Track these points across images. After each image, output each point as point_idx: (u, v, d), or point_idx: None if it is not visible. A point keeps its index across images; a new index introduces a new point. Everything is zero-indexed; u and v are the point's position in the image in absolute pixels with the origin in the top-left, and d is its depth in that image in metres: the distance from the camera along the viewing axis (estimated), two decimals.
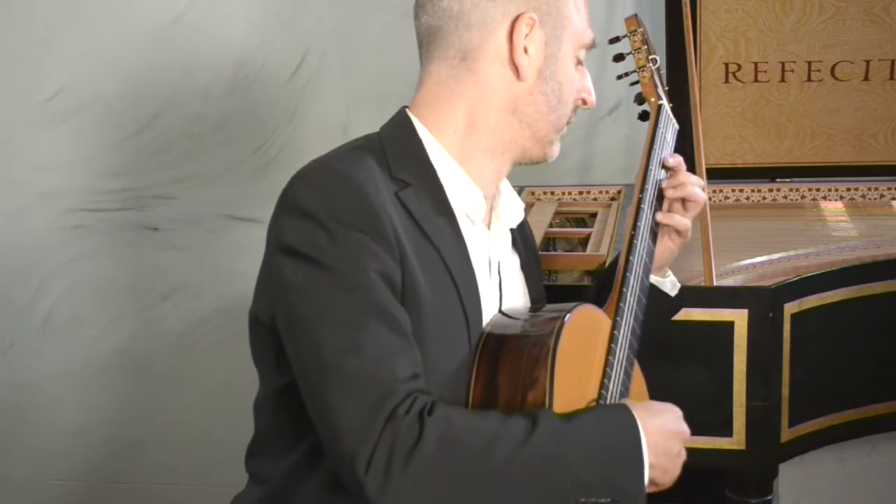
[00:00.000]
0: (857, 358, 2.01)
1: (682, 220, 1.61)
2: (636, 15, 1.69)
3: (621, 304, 1.49)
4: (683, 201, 1.61)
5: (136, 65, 2.79)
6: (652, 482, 1.35)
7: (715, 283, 1.92)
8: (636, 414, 1.34)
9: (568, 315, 1.38)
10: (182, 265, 2.88)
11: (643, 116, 1.70)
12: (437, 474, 1.23)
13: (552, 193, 2.57)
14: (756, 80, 2.49)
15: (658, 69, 1.70)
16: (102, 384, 2.99)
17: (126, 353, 2.95)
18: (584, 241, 2.28)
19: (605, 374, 1.43)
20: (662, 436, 1.36)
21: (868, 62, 2.46)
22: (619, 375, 1.45)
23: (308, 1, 2.73)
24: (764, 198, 2.54)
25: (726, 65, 2.49)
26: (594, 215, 2.45)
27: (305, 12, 2.73)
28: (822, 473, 2.73)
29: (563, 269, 2.11)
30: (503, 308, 1.49)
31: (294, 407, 1.35)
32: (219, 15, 2.76)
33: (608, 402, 1.42)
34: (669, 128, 1.67)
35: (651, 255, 1.57)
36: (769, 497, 1.98)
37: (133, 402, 2.98)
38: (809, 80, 2.48)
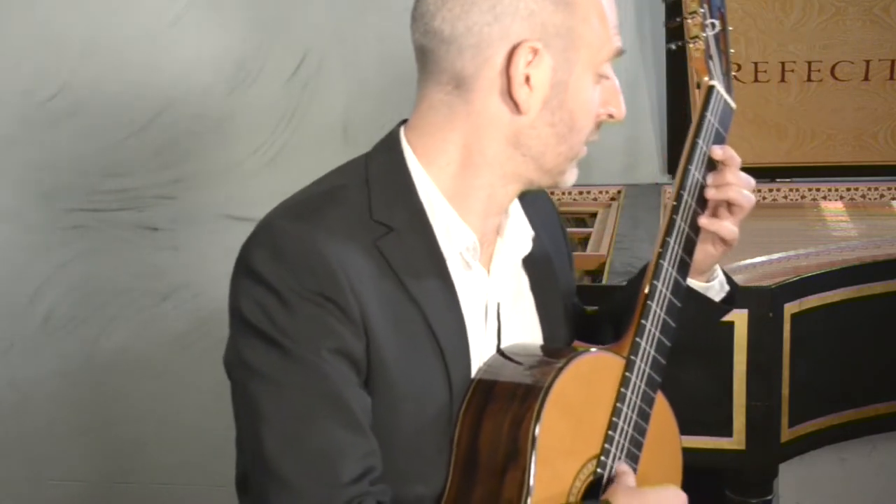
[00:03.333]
0: (857, 358, 2.01)
1: (728, 228, 1.40)
2: None
3: (638, 340, 1.33)
4: (728, 205, 1.40)
5: (136, 65, 2.79)
6: None
7: None
8: None
9: (563, 370, 1.25)
10: (182, 265, 2.88)
11: (698, 84, 1.43)
12: None
13: (552, 193, 2.56)
14: (756, 80, 2.49)
15: (722, 32, 1.42)
16: (102, 384, 2.99)
17: (126, 353, 2.95)
18: (584, 241, 2.28)
19: (612, 425, 1.31)
20: None
21: (868, 62, 2.46)
22: (630, 422, 1.32)
23: (308, 1, 2.73)
24: (764, 198, 2.54)
25: None
26: (594, 215, 2.45)
27: (305, 12, 2.73)
28: (822, 473, 2.72)
29: None
30: (505, 346, 1.35)
31: None
32: (219, 15, 2.76)
33: (611, 458, 1.31)
34: (720, 113, 1.42)
35: (685, 270, 1.38)
36: (769, 497, 1.98)
37: (133, 402, 2.98)
38: (809, 80, 2.48)
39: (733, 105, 1.46)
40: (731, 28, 1.46)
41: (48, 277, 2.94)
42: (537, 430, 1.21)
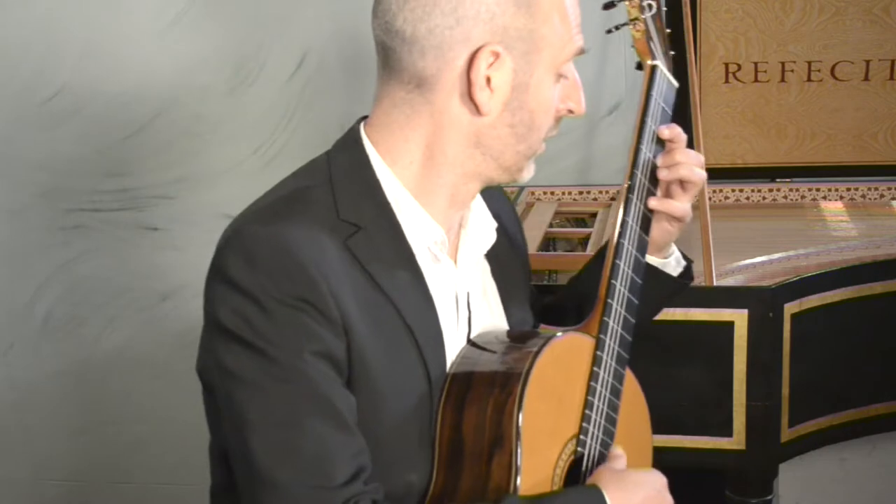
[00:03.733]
0: (857, 358, 2.01)
1: (680, 206, 1.44)
2: None
3: (606, 319, 1.36)
4: (681, 182, 1.43)
5: (136, 65, 2.79)
6: None
7: (715, 283, 1.92)
8: (609, 496, 1.25)
9: (539, 352, 1.28)
10: (182, 265, 2.88)
11: (640, 66, 1.48)
12: None
13: (552, 193, 2.56)
14: (756, 80, 2.49)
15: (656, 15, 1.46)
16: (102, 384, 2.99)
17: (126, 353, 2.95)
18: (584, 241, 2.28)
19: (588, 404, 1.33)
20: None
21: (868, 62, 2.46)
22: (605, 400, 1.35)
23: (308, 1, 2.73)
24: (764, 198, 2.54)
25: (726, 65, 2.49)
26: (594, 215, 2.45)
27: (305, 12, 2.73)
28: (822, 473, 2.72)
29: (563, 269, 2.11)
30: (473, 337, 1.37)
31: None
32: (219, 15, 2.76)
33: (590, 436, 1.33)
34: (664, 92, 1.45)
35: (643, 248, 1.42)
36: (769, 497, 1.98)
37: (133, 401, 2.98)
38: (809, 80, 2.48)
39: (675, 83, 1.48)
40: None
41: (48, 277, 2.94)
42: (521, 415, 1.23)
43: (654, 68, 1.45)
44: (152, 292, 2.92)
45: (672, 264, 1.54)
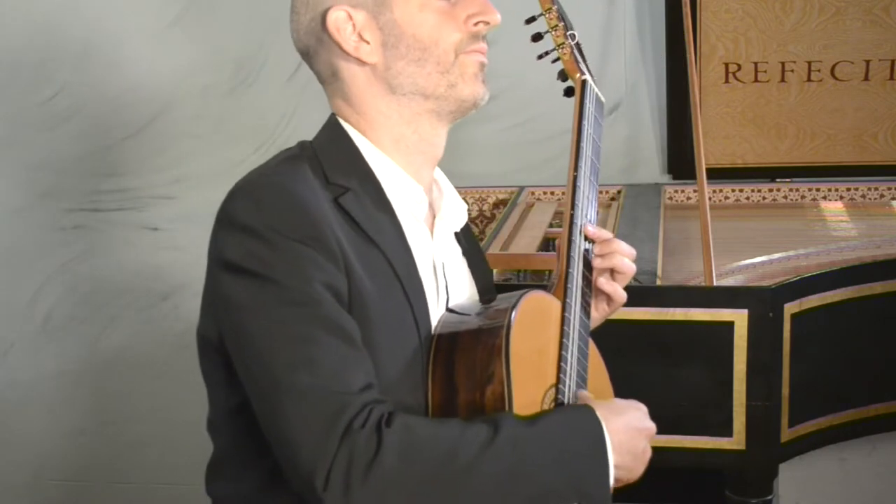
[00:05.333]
0: (857, 358, 2.01)
1: (616, 290, 1.55)
2: None
3: (569, 286, 1.46)
4: (612, 271, 1.54)
5: (136, 65, 2.79)
6: (617, 480, 1.34)
7: (715, 283, 1.92)
8: (600, 413, 1.32)
9: (517, 303, 1.37)
10: (182, 265, 2.89)
11: (568, 93, 1.62)
12: (397, 486, 1.20)
13: (552, 193, 2.56)
14: (756, 80, 2.49)
15: (577, 44, 1.62)
16: (102, 384, 2.99)
17: (126, 353, 2.96)
18: None
19: (562, 357, 1.41)
20: (627, 434, 1.34)
21: (868, 62, 2.46)
22: (574, 356, 1.43)
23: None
24: (764, 198, 2.54)
25: (726, 65, 2.49)
26: None
27: None
28: (822, 473, 2.73)
29: None
30: (451, 305, 1.46)
31: (250, 426, 1.32)
32: (219, 15, 2.76)
33: (566, 383, 1.40)
34: (595, 103, 1.62)
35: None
36: (769, 497, 1.98)
37: (133, 402, 2.98)
38: (809, 80, 2.48)
39: (603, 99, 1.65)
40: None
41: (48, 277, 2.94)
42: (510, 349, 1.31)
43: (584, 82, 1.60)
44: (152, 292, 2.92)
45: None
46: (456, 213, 1.51)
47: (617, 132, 2.68)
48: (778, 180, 2.57)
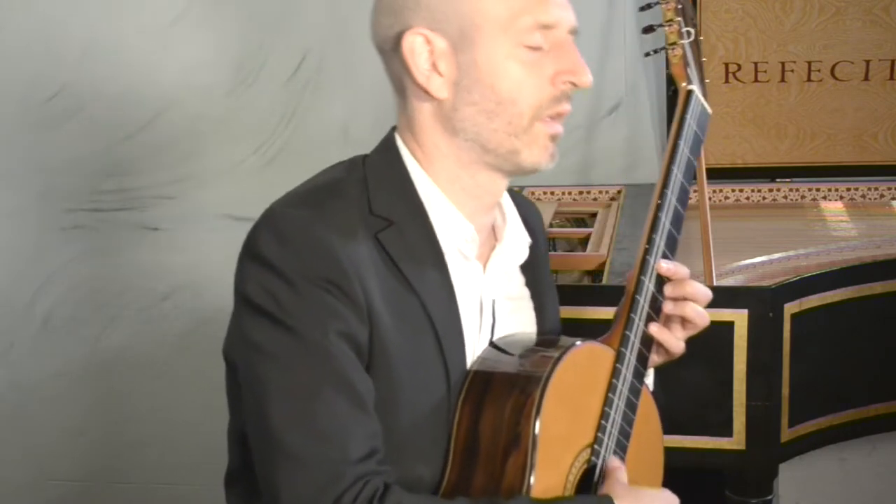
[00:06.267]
0: (857, 358, 2.01)
1: (676, 343, 1.43)
2: None
3: (627, 333, 1.37)
4: (682, 320, 1.43)
5: (136, 65, 2.79)
6: None
7: (715, 283, 1.92)
8: None
9: (562, 356, 1.29)
10: (182, 265, 2.88)
11: (675, 91, 1.48)
12: None
13: (552, 193, 2.57)
14: (756, 80, 2.49)
15: (694, 42, 1.46)
16: (102, 384, 2.99)
17: (126, 353, 2.95)
18: (584, 241, 2.28)
19: (604, 415, 1.34)
20: None
21: (868, 62, 2.46)
22: (621, 412, 1.36)
23: (308, 1, 2.73)
24: (764, 198, 2.54)
25: (726, 65, 2.49)
26: (594, 215, 2.45)
27: (305, 12, 2.73)
28: (822, 473, 2.72)
29: (563, 269, 2.11)
30: (495, 339, 1.38)
31: None
32: (219, 15, 2.76)
33: (605, 443, 1.34)
34: (699, 117, 1.45)
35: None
36: (769, 497, 1.98)
37: (133, 402, 2.98)
38: (809, 80, 2.48)
39: (709, 110, 1.49)
40: (702, 38, 1.51)
41: (48, 277, 2.94)
42: (539, 417, 1.24)
43: (689, 93, 1.45)
44: (152, 292, 2.92)
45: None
46: (517, 247, 1.41)
47: (617, 132, 2.68)
48: (778, 180, 2.57)
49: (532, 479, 1.24)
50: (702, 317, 1.42)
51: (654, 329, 1.40)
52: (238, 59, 2.77)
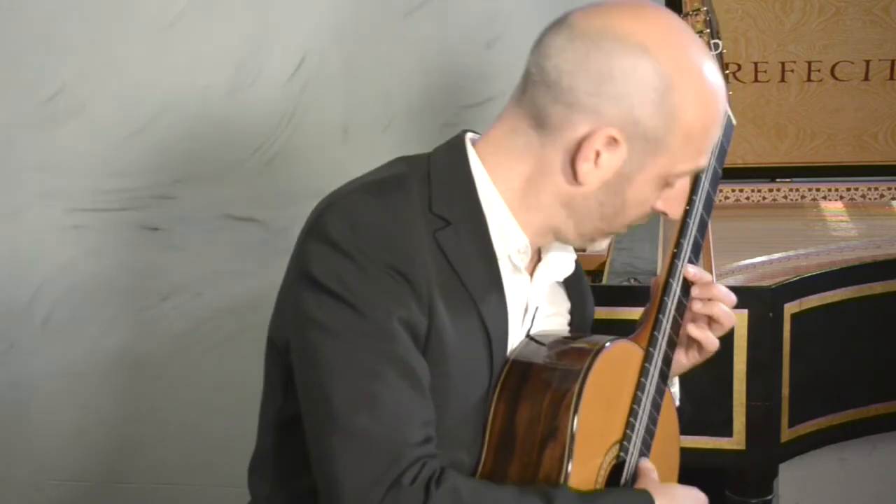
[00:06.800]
0: (857, 358, 2.01)
1: (712, 340, 1.48)
2: None
3: (655, 333, 1.41)
4: (710, 319, 1.47)
5: (136, 65, 2.79)
6: None
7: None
8: (658, 501, 1.31)
9: (600, 351, 1.32)
10: (182, 265, 2.88)
11: None
12: None
13: None
14: (756, 80, 2.49)
15: (719, 55, 1.49)
16: (102, 384, 2.99)
17: (126, 353, 2.95)
18: None
19: (632, 412, 1.38)
20: None
21: (868, 62, 2.46)
22: (647, 411, 1.39)
23: (308, 1, 2.72)
24: (764, 198, 2.54)
25: (726, 65, 2.49)
26: None
27: (305, 12, 2.73)
28: (822, 473, 2.72)
29: None
30: (532, 333, 1.42)
31: (297, 440, 1.30)
32: (219, 15, 2.76)
33: (633, 440, 1.37)
34: (724, 127, 1.46)
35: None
36: (769, 497, 1.98)
37: (133, 402, 2.98)
38: (809, 80, 2.48)
39: (734, 121, 1.52)
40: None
41: (48, 277, 2.94)
42: (579, 411, 1.27)
43: None
44: (152, 292, 2.91)
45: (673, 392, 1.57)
46: (563, 264, 1.44)
47: None
48: (778, 180, 2.57)
49: (570, 468, 1.27)
50: (729, 317, 1.46)
51: (692, 328, 1.46)
52: (238, 59, 2.77)
